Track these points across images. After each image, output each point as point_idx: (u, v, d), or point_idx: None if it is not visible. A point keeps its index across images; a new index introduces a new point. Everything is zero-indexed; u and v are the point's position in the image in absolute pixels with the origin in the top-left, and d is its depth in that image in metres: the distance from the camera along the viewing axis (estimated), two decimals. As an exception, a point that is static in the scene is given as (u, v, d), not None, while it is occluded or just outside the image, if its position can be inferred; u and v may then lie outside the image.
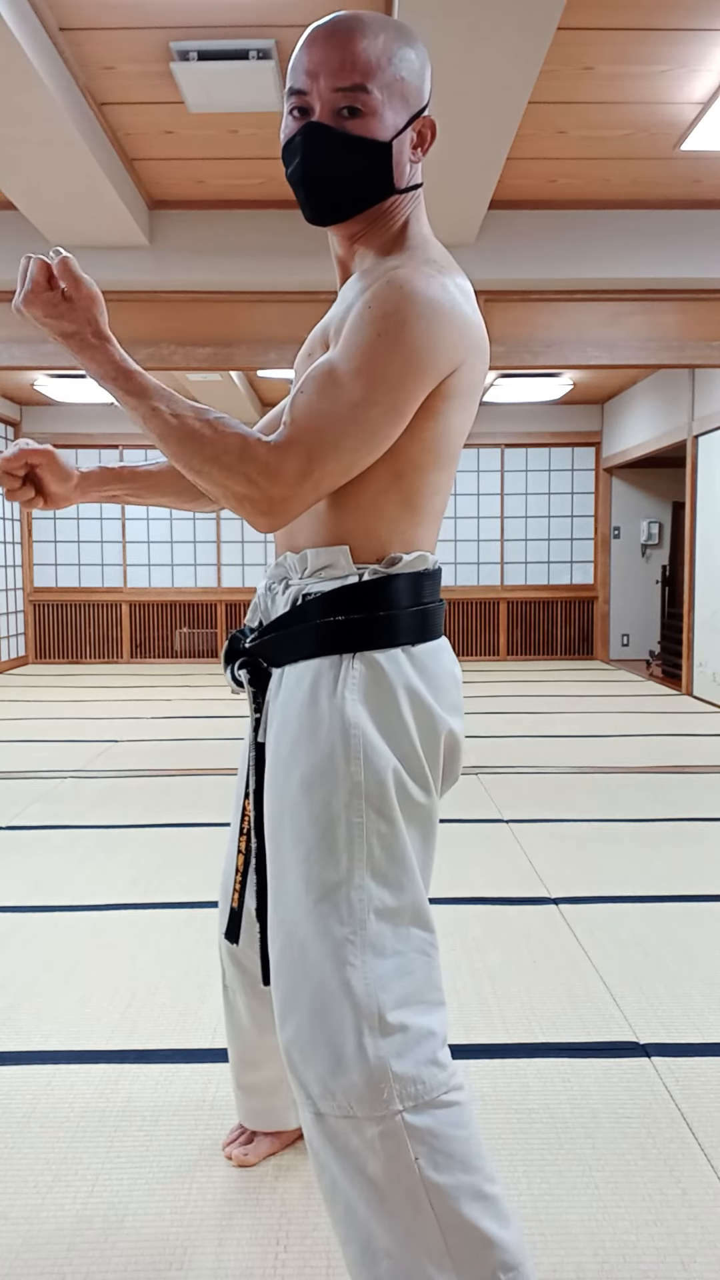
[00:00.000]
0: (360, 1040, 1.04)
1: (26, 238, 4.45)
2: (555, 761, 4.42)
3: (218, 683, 7.37)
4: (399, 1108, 1.04)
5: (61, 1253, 1.31)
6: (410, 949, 1.10)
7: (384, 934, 1.08)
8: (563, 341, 4.80)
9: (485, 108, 3.11)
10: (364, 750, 1.09)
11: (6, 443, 8.39)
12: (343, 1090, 1.04)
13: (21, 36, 2.75)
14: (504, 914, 2.51)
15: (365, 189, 1.13)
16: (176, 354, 4.72)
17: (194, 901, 2.60)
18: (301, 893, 1.09)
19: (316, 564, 1.15)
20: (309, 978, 1.08)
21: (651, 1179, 1.46)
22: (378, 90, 1.08)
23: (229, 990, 1.44)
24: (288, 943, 1.10)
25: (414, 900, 1.12)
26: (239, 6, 2.83)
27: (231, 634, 1.27)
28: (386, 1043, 1.05)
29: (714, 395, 6.30)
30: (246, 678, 1.22)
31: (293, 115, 1.13)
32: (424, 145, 1.16)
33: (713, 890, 2.69)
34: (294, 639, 1.16)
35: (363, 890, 1.08)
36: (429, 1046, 1.08)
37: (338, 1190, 1.07)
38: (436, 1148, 1.04)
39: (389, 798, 1.10)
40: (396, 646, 1.13)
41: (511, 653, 8.82)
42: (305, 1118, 1.09)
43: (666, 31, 2.96)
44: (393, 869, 1.10)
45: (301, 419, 1.03)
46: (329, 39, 1.08)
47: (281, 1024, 1.10)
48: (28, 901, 2.63)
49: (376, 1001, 1.06)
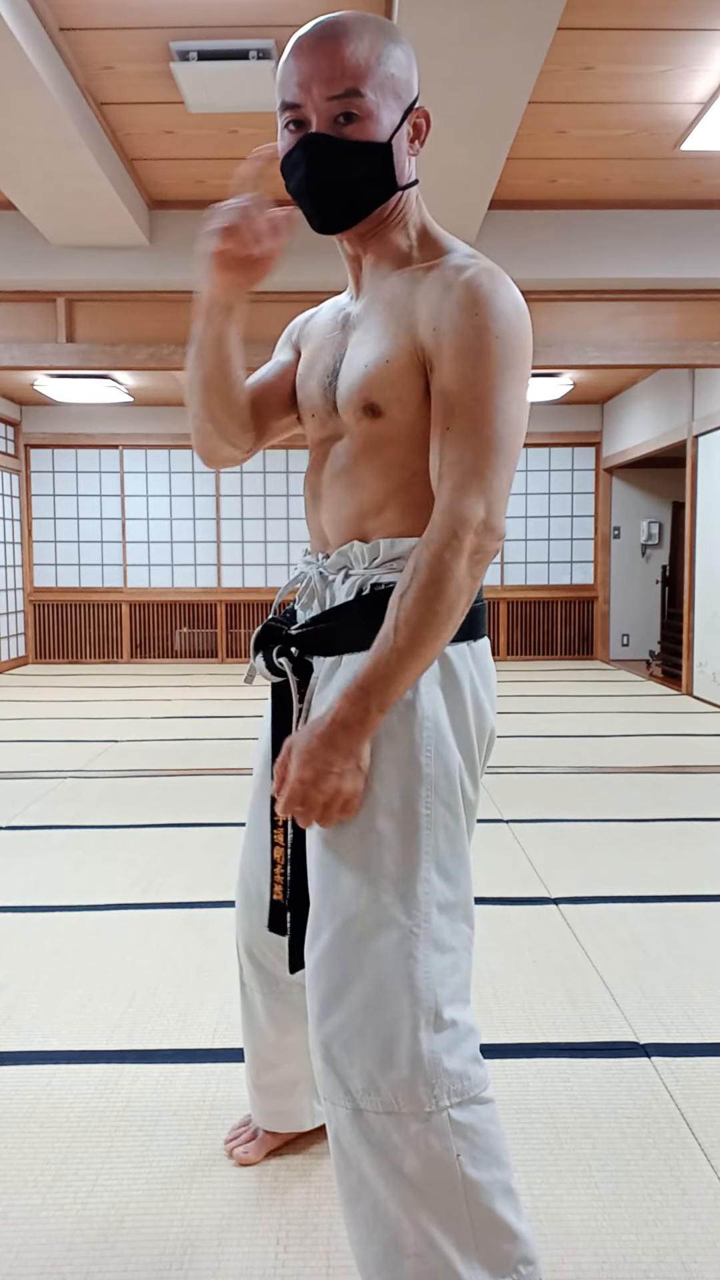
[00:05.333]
0: (416, 1034, 1.05)
1: (26, 238, 4.45)
2: (555, 761, 4.42)
3: (218, 683, 7.37)
4: (447, 1104, 1.05)
5: (61, 1253, 1.31)
6: (461, 945, 1.12)
7: (443, 928, 1.09)
8: (563, 341, 4.80)
9: (485, 108, 3.11)
10: (436, 743, 1.10)
11: (6, 442, 8.38)
12: (390, 1085, 1.05)
13: (21, 36, 2.75)
14: (504, 914, 2.51)
15: (371, 192, 1.13)
16: (176, 354, 4.72)
17: (194, 901, 2.60)
18: (363, 884, 1.08)
19: (390, 554, 1.14)
20: (366, 970, 1.07)
21: (651, 1179, 1.46)
22: (371, 92, 1.08)
23: (246, 989, 1.43)
24: (340, 935, 1.09)
25: (467, 895, 1.13)
26: (239, 6, 2.83)
27: (266, 620, 1.26)
28: (440, 1038, 1.06)
29: (714, 395, 6.30)
30: (289, 666, 1.20)
31: (289, 129, 1.12)
32: (420, 137, 1.16)
33: (713, 890, 2.69)
34: (360, 628, 1.12)
35: (429, 883, 1.09)
36: (472, 1043, 1.10)
37: (365, 1188, 1.07)
38: (476, 1144, 1.06)
39: (456, 791, 1.11)
40: (463, 642, 1.14)
41: (511, 653, 8.82)
42: (338, 1115, 1.08)
43: (666, 31, 2.96)
44: (454, 863, 1.11)
45: (485, 484, 1.05)
46: (316, 48, 1.08)
47: (323, 1017, 1.09)
48: (28, 901, 2.62)
49: (435, 996, 1.06)
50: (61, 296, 4.72)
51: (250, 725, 5.41)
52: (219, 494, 8.79)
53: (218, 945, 2.30)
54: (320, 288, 4.56)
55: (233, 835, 3.20)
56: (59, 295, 4.72)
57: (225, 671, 8.13)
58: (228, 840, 3.15)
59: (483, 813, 3.45)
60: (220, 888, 2.69)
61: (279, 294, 4.68)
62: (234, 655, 8.79)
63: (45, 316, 4.76)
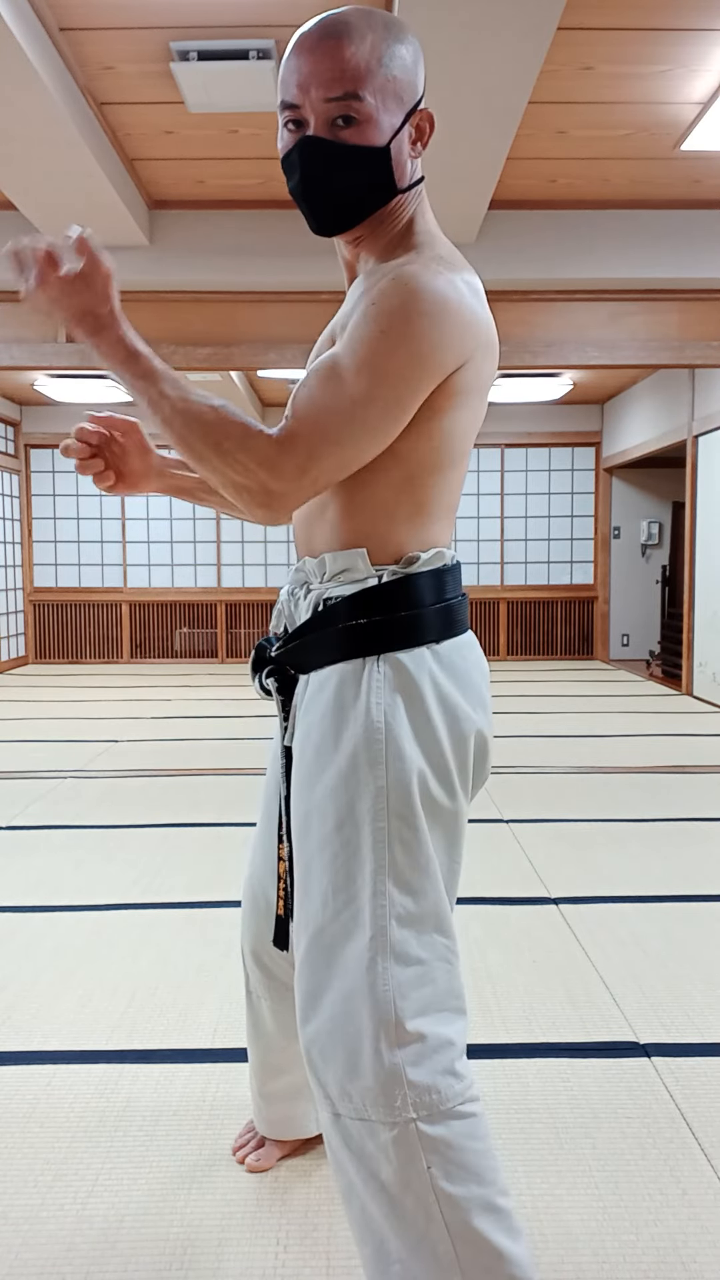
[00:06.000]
0: (376, 1046, 1.04)
1: (26, 238, 4.45)
2: (555, 761, 4.42)
3: (218, 683, 7.37)
4: (412, 1115, 1.03)
5: (61, 1253, 1.31)
6: (433, 956, 1.10)
7: (407, 940, 1.08)
8: (563, 341, 4.80)
9: (485, 108, 3.11)
10: (387, 754, 1.08)
11: (6, 442, 8.38)
12: (358, 1093, 1.05)
13: (21, 36, 2.75)
14: (504, 914, 2.51)
15: (368, 196, 1.11)
16: (176, 354, 4.72)
17: (194, 901, 2.60)
18: (329, 896, 1.09)
19: (335, 568, 1.14)
20: (335, 979, 1.07)
21: (651, 1179, 1.46)
22: (370, 95, 1.06)
23: (253, 996, 1.43)
24: (314, 943, 1.10)
25: (436, 906, 1.11)
26: (239, 6, 2.83)
27: (258, 642, 1.26)
28: (403, 1051, 1.05)
29: (714, 395, 6.30)
30: (274, 686, 1.21)
31: (288, 128, 1.11)
32: (423, 139, 1.14)
33: (713, 890, 2.69)
34: (319, 645, 1.15)
35: (385, 896, 1.07)
36: (447, 1056, 1.07)
37: (354, 1192, 1.07)
38: (450, 1158, 1.04)
39: (412, 803, 1.09)
40: (421, 645, 1.12)
41: (511, 653, 8.82)
42: (324, 1117, 1.09)
43: (666, 31, 2.96)
44: (415, 875, 1.09)
45: (303, 414, 1.03)
46: (316, 48, 1.06)
47: (304, 1022, 1.10)
48: (28, 901, 2.62)
49: (394, 1009, 1.05)
50: (61, 296, 4.71)
51: (250, 725, 5.41)
52: (219, 494, 8.78)
53: (218, 945, 2.30)
54: (320, 287, 4.57)
55: (232, 835, 3.20)
56: (59, 295, 4.71)
57: (225, 671, 8.13)
58: (227, 840, 3.15)
59: (483, 813, 3.45)
60: (220, 888, 2.69)
61: (279, 294, 4.68)
62: (234, 655, 8.79)
63: (45, 316, 4.76)
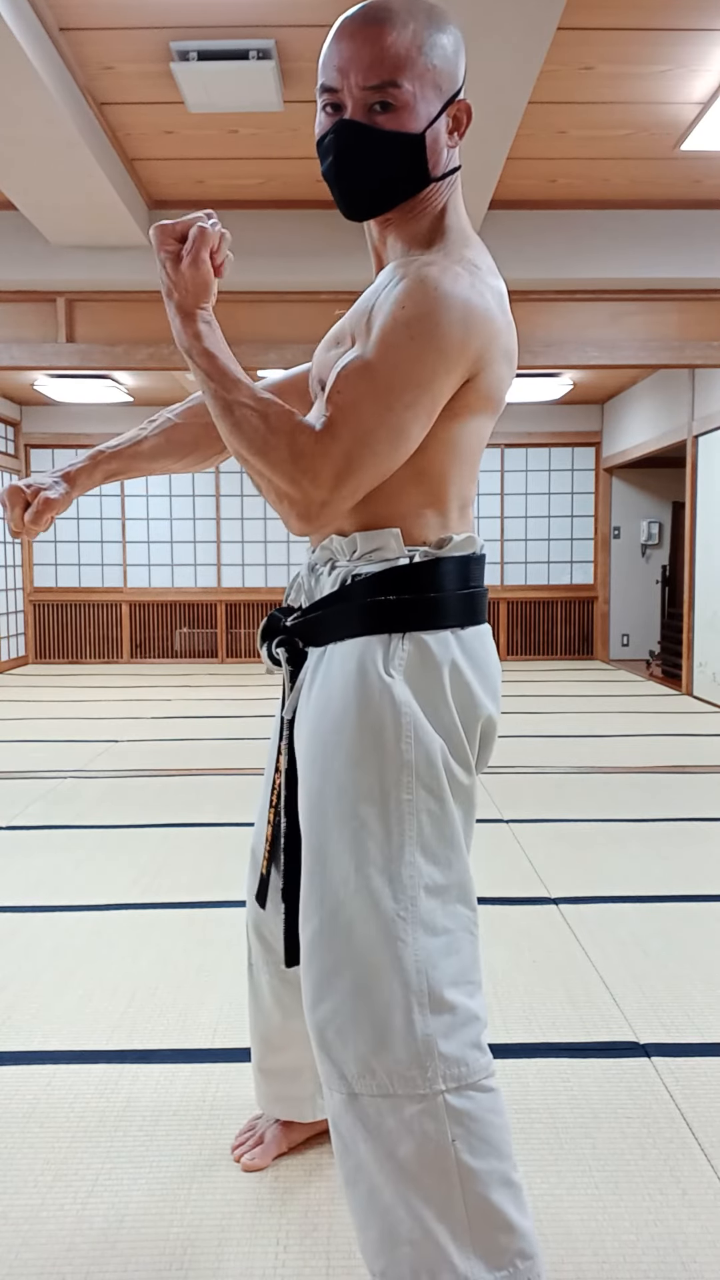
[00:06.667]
0: (409, 1016, 1.05)
1: (26, 238, 4.45)
2: (555, 761, 4.42)
3: (218, 683, 7.37)
4: (442, 1087, 1.05)
5: (61, 1253, 1.31)
6: (458, 926, 1.12)
7: (434, 911, 1.09)
8: (563, 341, 4.80)
9: (485, 108, 3.11)
10: (414, 728, 1.10)
11: (6, 442, 8.38)
12: (385, 1068, 1.05)
13: (21, 36, 2.75)
14: (504, 914, 2.51)
15: (400, 183, 1.12)
16: (176, 354, 4.72)
17: (194, 901, 2.60)
18: (349, 870, 1.09)
19: (367, 546, 1.15)
20: (354, 955, 1.08)
21: (651, 1179, 1.46)
22: (409, 83, 1.07)
23: (254, 969, 1.44)
24: (329, 921, 1.10)
25: (461, 878, 1.13)
26: (239, 6, 2.83)
27: (270, 613, 1.27)
28: (436, 1020, 1.06)
29: (714, 395, 6.30)
30: (284, 655, 1.22)
31: (325, 111, 1.12)
32: (460, 129, 1.15)
33: (713, 890, 2.69)
34: (339, 618, 1.16)
35: (413, 867, 1.09)
36: (474, 1030, 1.09)
37: (362, 1173, 1.07)
38: (474, 1131, 1.05)
39: (439, 776, 1.11)
40: (445, 629, 1.14)
41: (511, 653, 8.82)
42: (335, 1100, 1.09)
43: (666, 31, 2.96)
44: (442, 846, 1.11)
45: (340, 420, 1.03)
46: (358, 33, 1.07)
47: (316, 1003, 1.09)
48: (28, 901, 2.62)
49: (427, 978, 1.07)
50: (61, 296, 4.72)
51: (250, 725, 5.42)
52: (219, 494, 8.79)
53: (218, 945, 2.30)
54: (320, 288, 4.57)
55: (232, 835, 3.20)
56: (59, 295, 4.72)
57: (225, 671, 8.13)
58: (227, 840, 3.15)
59: (483, 813, 3.45)
60: (220, 888, 2.69)
61: (279, 294, 4.68)
62: (234, 655, 8.79)
63: (45, 316, 4.76)
